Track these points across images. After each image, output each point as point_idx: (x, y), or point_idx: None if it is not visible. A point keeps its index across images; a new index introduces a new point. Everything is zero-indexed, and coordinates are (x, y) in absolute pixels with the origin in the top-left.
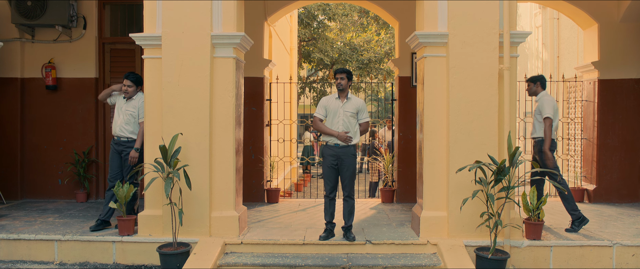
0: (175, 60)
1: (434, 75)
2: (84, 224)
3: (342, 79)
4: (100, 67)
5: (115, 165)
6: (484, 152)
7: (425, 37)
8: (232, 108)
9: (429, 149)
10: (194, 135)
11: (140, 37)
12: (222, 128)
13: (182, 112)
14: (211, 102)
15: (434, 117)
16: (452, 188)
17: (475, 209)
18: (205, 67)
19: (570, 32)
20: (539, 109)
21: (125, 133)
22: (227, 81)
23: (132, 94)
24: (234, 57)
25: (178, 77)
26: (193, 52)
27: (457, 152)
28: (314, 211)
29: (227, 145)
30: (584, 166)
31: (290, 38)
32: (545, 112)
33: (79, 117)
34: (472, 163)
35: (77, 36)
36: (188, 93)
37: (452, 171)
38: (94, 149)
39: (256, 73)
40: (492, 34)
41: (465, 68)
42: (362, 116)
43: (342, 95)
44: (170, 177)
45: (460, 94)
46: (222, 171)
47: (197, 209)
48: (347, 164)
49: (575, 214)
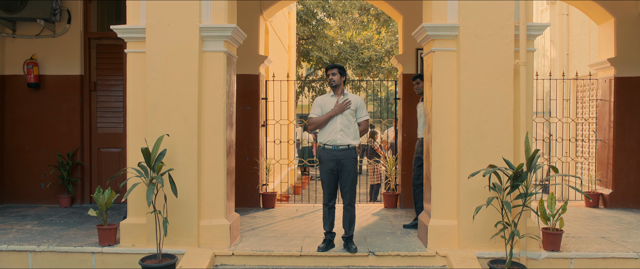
0: (161, 55)
1: (443, 71)
2: (63, 233)
3: (334, 75)
4: (85, 64)
5: None
6: (498, 155)
7: (434, 29)
8: (223, 107)
9: (438, 152)
10: (180, 136)
11: (123, 29)
12: (212, 128)
13: (167, 111)
14: (200, 100)
15: (442, 117)
16: (463, 194)
17: (489, 218)
18: (193, 62)
19: (581, 28)
20: None
21: None
22: (218, 77)
23: None
24: (225, 52)
25: (163, 73)
26: (180, 46)
27: (468, 155)
28: (312, 217)
29: (218, 147)
30: (599, 169)
31: (289, 36)
32: None
33: (63, 116)
34: (485, 167)
35: (61, 31)
36: (174, 90)
37: (464, 175)
38: (79, 151)
39: (251, 70)
40: (506, 26)
41: (478, 63)
42: (361, 114)
43: (337, 92)
44: (154, 183)
45: (472, 92)
46: (212, 176)
47: (184, 217)
48: (348, 169)
49: None
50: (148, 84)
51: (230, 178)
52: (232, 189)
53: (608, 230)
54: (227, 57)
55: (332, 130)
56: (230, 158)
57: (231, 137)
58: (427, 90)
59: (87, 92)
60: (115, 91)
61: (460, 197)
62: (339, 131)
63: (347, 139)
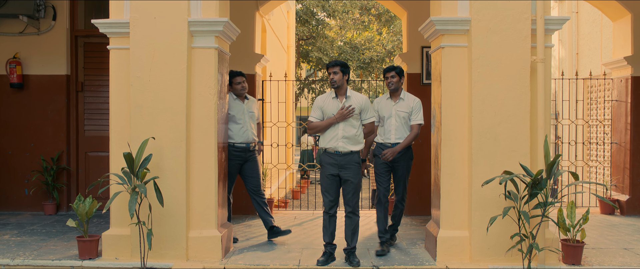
0: (146, 51)
1: (453, 69)
2: (43, 244)
3: (335, 74)
4: (72, 63)
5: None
6: (514, 160)
7: (443, 23)
8: (214, 108)
9: (448, 157)
10: (167, 140)
11: (105, 23)
12: (202, 131)
13: (153, 112)
14: (189, 100)
15: (453, 119)
16: (475, 203)
17: (503, 229)
18: (181, 59)
19: (592, 26)
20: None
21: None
22: (208, 75)
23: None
24: (216, 48)
25: (149, 71)
26: (167, 42)
27: (481, 160)
28: (311, 225)
29: (208, 151)
30: (614, 173)
31: (288, 35)
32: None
33: (48, 119)
34: (499, 174)
35: (45, 28)
36: (161, 90)
37: (476, 183)
38: (65, 155)
39: (246, 69)
40: (522, 20)
41: (491, 60)
42: (366, 116)
43: (339, 93)
44: (137, 192)
45: (484, 91)
46: (202, 183)
47: (171, 228)
48: (351, 174)
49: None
50: (132, 83)
51: (223, 183)
52: (224, 197)
53: (629, 240)
54: (219, 54)
55: (333, 136)
56: (222, 162)
57: (224, 141)
58: (435, 90)
59: (74, 92)
60: (103, 91)
61: (472, 207)
62: (341, 137)
63: (350, 146)
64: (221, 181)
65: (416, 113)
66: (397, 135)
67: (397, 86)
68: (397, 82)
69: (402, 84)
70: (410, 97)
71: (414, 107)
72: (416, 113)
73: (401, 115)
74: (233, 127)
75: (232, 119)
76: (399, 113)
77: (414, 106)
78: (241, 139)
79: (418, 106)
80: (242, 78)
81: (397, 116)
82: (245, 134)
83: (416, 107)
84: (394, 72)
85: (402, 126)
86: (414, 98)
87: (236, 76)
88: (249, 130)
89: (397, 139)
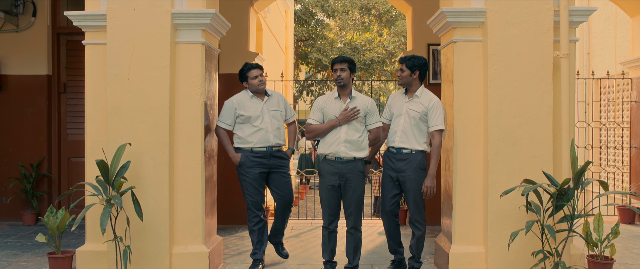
0: (125, 47)
1: (466, 66)
2: (14, 259)
3: (343, 71)
4: (54, 63)
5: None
6: (535, 167)
7: (456, 14)
8: (201, 109)
9: (461, 164)
10: (148, 145)
11: (80, 16)
12: (188, 136)
13: (132, 114)
14: (172, 101)
15: (466, 121)
16: (492, 216)
17: (524, 245)
18: (163, 55)
19: (605, 24)
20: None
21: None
22: (194, 73)
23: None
24: (203, 43)
25: (128, 68)
26: (148, 36)
27: (498, 167)
28: (309, 237)
29: (194, 158)
30: (634, 180)
31: (286, 36)
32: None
33: (27, 122)
34: (519, 182)
35: (25, 25)
36: (141, 90)
37: (493, 192)
38: (46, 160)
39: (239, 68)
40: (544, 11)
41: (510, 56)
42: (371, 120)
43: (343, 93)
44: (112, 204)
45: (502, 91)
46: (187, 193)
47: (152, 243)
48: (353, 184)
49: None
50: (109, 82)
51: (211, 194)
52: (213, 207)
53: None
54: (206, 50)
55: (334, 141)
56: (210, 169)
57: (212, 146)
58: (446, 89)
59: (56, 94)
60: None
61: (489, 219)
62: (343, 142)
63: (353, 152)
64: (209, 191)
65: (436, 116)
66: (401, 139)
67: (406, 81)
68: (408, 78)
69: (415, 79)
70: (428, 96)
71: (430, 108)
72: (436, 116)
73: (412, 114)
74: (247, 129)
75: (246, 121)
76: (409, 112)
77: (431, 106)
78: (259, 143)
79: (437, 106)
80: (259, 71)
81: (408, 115)
82: (264, 137)
83: (434, 108)
84: (404, 65)
85: (411, 128)
86: (432, 97)
87: (251, 69)
88: (269, 132)
89: (402, 144)
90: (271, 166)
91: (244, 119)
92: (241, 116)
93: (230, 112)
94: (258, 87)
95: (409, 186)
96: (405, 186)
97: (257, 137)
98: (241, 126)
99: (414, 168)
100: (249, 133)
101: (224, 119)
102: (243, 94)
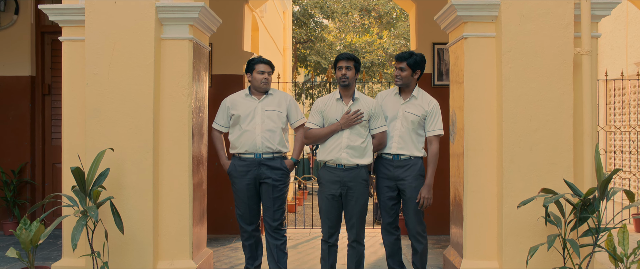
0: (105, 43)
1: (478, 64)
2: None
3: (348, 69)
4: (38, 63)
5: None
6: (554, 175)
7: (467, 8)
8: (188, 111)
9: (473, 171)
10: (131, 151)
11: (56, 10)
12: (174, 140)
13: (113, 117)
14: (157, 103)
15: (478, 124)
16: (507, 228)
17: (543, 259)
18: (147, 52)
19: (614, 24)
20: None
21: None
22: (181, 72)
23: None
24: (190, 39)
25: (108, 67)
26: (130, 31)
27: (514, 175)
28: (307, 248)
29: (181, 164)
30: None
31: (284, 37)
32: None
33: (9, 126)
34: (538, 192)
35: (7, 23)
36: (123, 90)
37: (508, 202)
38: (29, 166)
39: (233, 69)
40: (563, 4)
41: (526, 53)
42: (376, 124)
43: (345, 94)
44: (87, 216)
45: (517, 91)
46: (174, 203)
47: (135, 258)
48: (356, 194)
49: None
50: (88, 81)
51: (200, 203)
52: (202, 217)
53: None
54: (194, 47)
55: (335, 147)
56: (199, 176)
57: (201, 151)
58: (455, 90)
59: (40, 96)
60: None
61: (504, 232)
62: (344, 148)
63: (356, 159)
64: (198, 199)
65: (434, 120)
66: (399, 145)
67: (407, 81)
68: (409, 78)
69: (415, 80)
70: (426, 98)
71: (430, 111)
72: (434, 120)
73: (410, 118)
74: (235, 132)
75: (236, 122)
76: (407, 115)
77: (430, 109)
78: (245, 147)
79: (436, 110)
80: (268, 67)
81: (405, 118)
82: (251, 141)
83: (434, 111)
84: (405, 63)
85: (409, 133)
86: (430, 100)
87: (261, 62)
88: (257, 135)
89: (400, 150)
90: (260, 177)
91: (235, 119)
92: (233, 116)
93: (224, 111)
94: (261, 84)
95: (410, 195)
96: (405, 195)
97: (242, 141)
98: (233, 128)
99: (415, 176)
100: (236, 136)
101: (218, 120)
102: (240, 92)
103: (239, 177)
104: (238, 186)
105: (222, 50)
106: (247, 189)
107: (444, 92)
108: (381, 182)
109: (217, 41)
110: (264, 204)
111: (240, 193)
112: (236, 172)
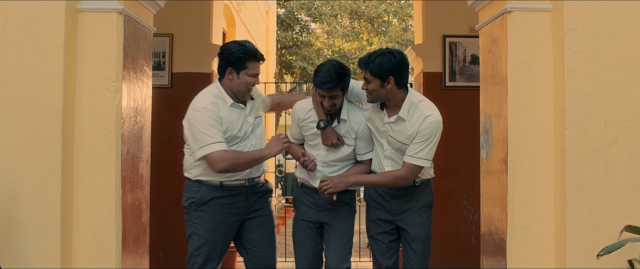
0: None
1: (527, 49)
2: None
3: (335, 98)
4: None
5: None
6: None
7: None
8: (115, 114)
9: (521, 200)
10: (29, 171)
11: None
12: (94, 155)
13: (3, 122)
14: (69, 101)
15: (528, 135)
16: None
17: None
18: (55, 28)
19: None
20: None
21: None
22: (106, 58)
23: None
24: (121, 11)
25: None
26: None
27: (581, 205)
28: None
29: (105, 188)
30: None
31: (267, 39)
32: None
33: None
34: (620, 231)
35: None
36: (19, 82)
37: (573, 246)
38: None
39: (198, 66)
40: None
41: (598, 32)
42: (364, 148)
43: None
44: None
45: (586, 87)
46: (93, 245)
47: None
48: (338, 222)
49: None
50: None
51: (136, 242)
52: (142, 257)
53: None
54: (128, 24)
55: None
56: (136, 205)
57: (139, 170)
58: (490, 89)
59: None
60: None
61: None
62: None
63: None
64: (134, 235)
65: (421, 144)
66: (393, 167)
67: (377, 97)
68: (379, 91)
69: (390, 89)
70: (419, 117)
71: (421, 131)
72: (421, 144)
73: (395, 145)
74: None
75: (229, 142)
76: (392, 141)
77: (423, 129)
78: (241, 173)
79: (429, 132)
80: (259, 69)
81: (391, 144)
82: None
83: (423, 133)
84: (368, 71)
85: (401, 156)
86: (425, 117)
87: (256, 59)
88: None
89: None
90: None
91: (229, 139)
92: (226, 135)
93: (216, 122)
94: (247, 91)
95: (414, 234)
96: (408, 235)
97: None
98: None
99: (418, 209)
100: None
101: (212, 134)
102: (215, 100)
103: (219, 213)
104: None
105: (185, 43)
106: (225, 226)
107: (457, 96)
108: (372, 218)
109: (180, 32)
110: (251, 244)
111: (218, 231)
112: (216, 207)
